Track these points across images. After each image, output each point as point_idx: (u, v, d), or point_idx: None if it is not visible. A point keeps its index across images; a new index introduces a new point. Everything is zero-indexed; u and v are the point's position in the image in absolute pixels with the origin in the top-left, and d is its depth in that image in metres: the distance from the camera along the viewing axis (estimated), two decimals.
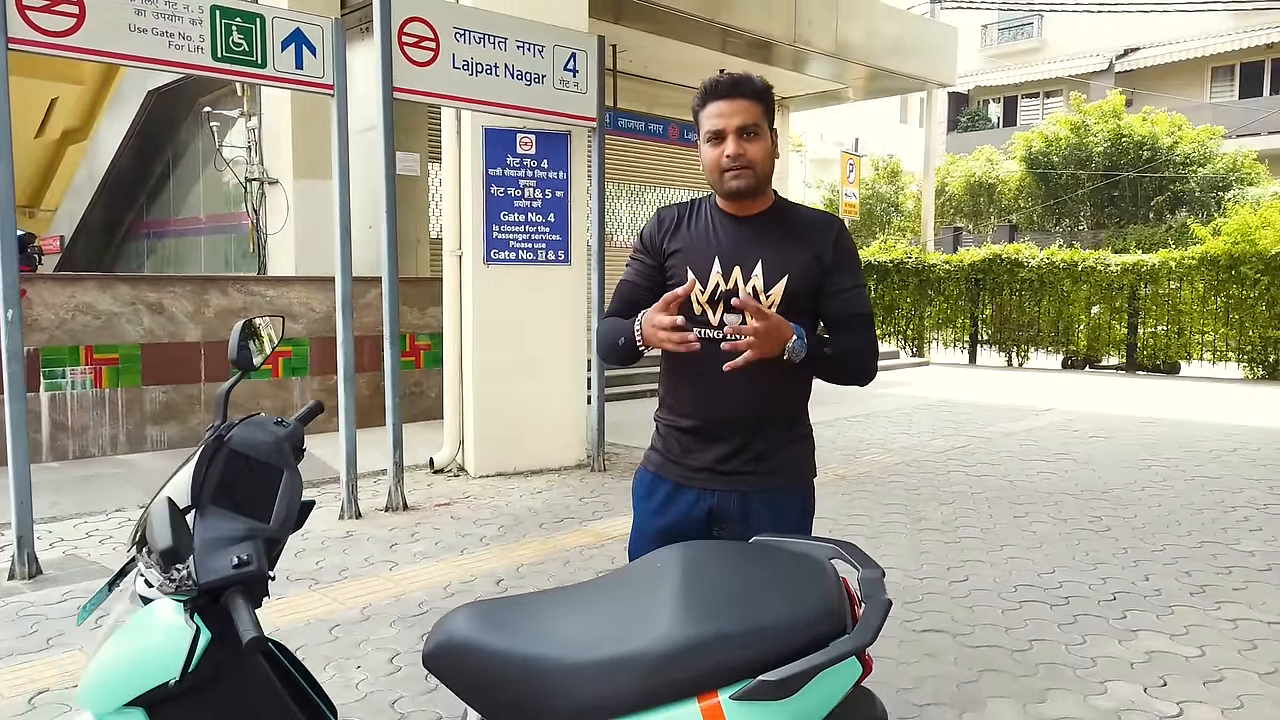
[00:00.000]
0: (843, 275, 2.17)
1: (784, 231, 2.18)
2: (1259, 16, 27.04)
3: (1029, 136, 24.05)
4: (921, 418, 9.30)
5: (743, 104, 2.12)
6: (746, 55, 13.20)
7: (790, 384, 2.19)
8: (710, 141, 2.15)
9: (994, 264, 15.50)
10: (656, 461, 2.28)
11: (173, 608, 1.62)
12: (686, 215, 2.26)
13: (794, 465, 2.23)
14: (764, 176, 2.15)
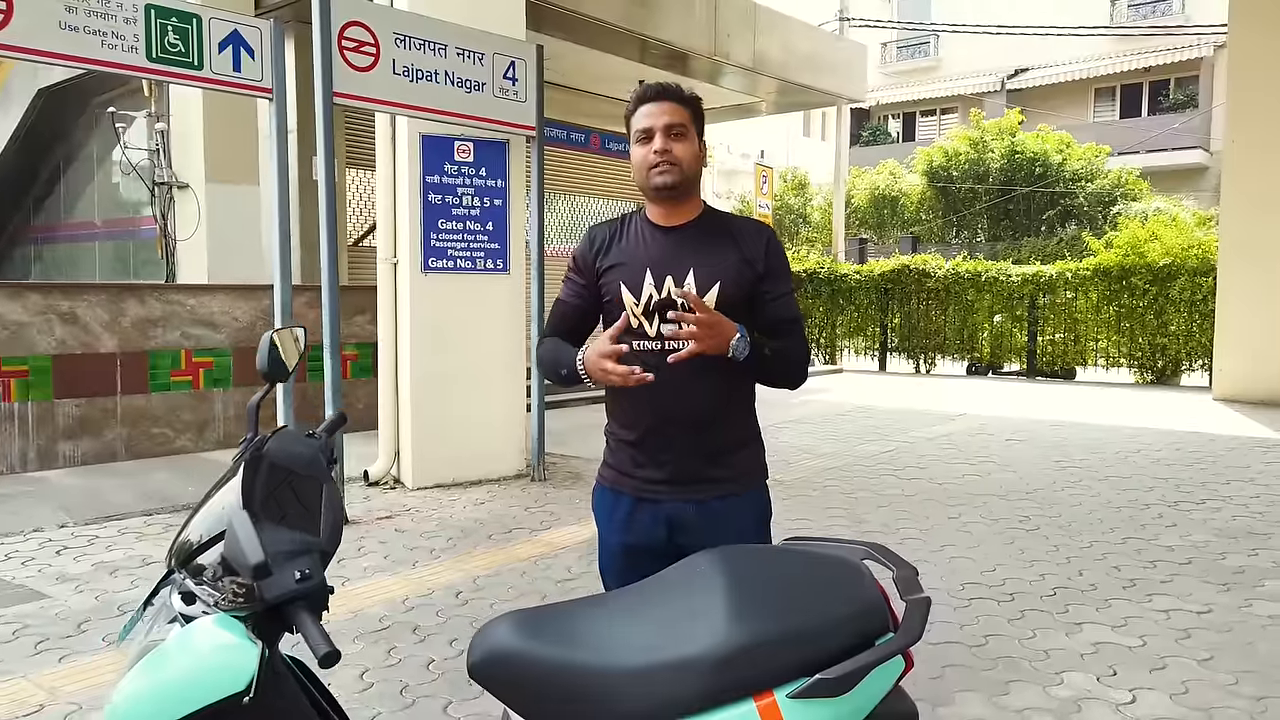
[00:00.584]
0: (775, 281, 2.22)
1: (714, 239, 2.21)
2: (1137, 42, 28.75)
3: (930, 151, 24.95)
4: (844, 424, 9.55)
5: (670, 105, 2.18)
6: (666, 66, 13.36)
7: (733, 389, 2.22)
8: (639, 141, 2.20)
9: (903, 274, 16.03)
10: (611, 477, 2.29)
11: (219, 624, 1.58)
12: (617, 231, 2.29)
13: (746, 470, 2.26)
14: (690, 175, 2.19)
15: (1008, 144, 23.37)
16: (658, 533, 2.21)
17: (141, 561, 4.89)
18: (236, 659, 1.55)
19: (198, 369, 7.73)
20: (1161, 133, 27.27)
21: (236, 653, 1.55)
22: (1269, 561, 4.76)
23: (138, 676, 1.60)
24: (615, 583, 2.27)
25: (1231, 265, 11.23)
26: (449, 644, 3.74)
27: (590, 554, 4.95)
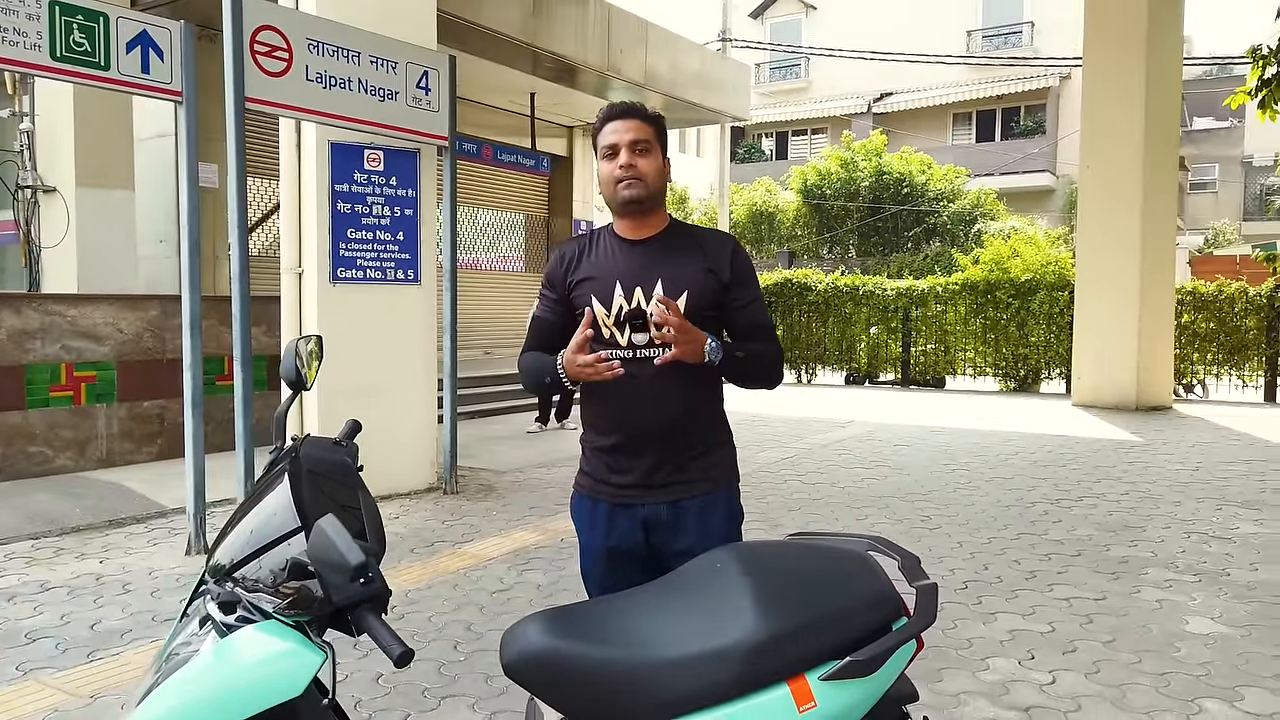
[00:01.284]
0: (742, 289, 2.31)
1: (680, 250, 2.29)
2: (992, 71, 30.61)
3: (804, 170, 25.90)
4: (741, 432, 9.74)
5: (635, 123, 2.25)
6: (555, 79, 13.47)
7: (703, 395, 2.30)
8: (606, 157, 2.27)
9: (785, 288, 16.57)
10: (588, 485, 2.36)
11: (269, 630, 1.59)
12: (586, 246, 2.37)
13: (716, 471, 2.33)
14: (655, 190, 2.27)
15: (875, 164, 24.51)
16: (636, 535, 2.28)
17: (40, 587, 4.61)
18: (292, 664, 1.57)
19: (79, 383, 7.30)
20: (1014, 157, 29.18)
21: (293, 658, 1.58)
22: (1147, 552, 5.21)
23: (177, 685, 1.58)
24: (598, 586, 2.35)
25: (1087, 281, 12.13)
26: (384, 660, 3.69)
27: (520, 564, 4.98)
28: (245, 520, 1.74)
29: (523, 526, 5.82)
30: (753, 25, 35.90)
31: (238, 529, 1.74)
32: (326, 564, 1.50)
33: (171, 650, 1.73)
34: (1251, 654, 3.71)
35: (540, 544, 5.40)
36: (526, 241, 17.12)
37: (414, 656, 1.52)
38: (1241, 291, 13.07)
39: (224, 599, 1.68)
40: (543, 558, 5.13)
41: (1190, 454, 8.40)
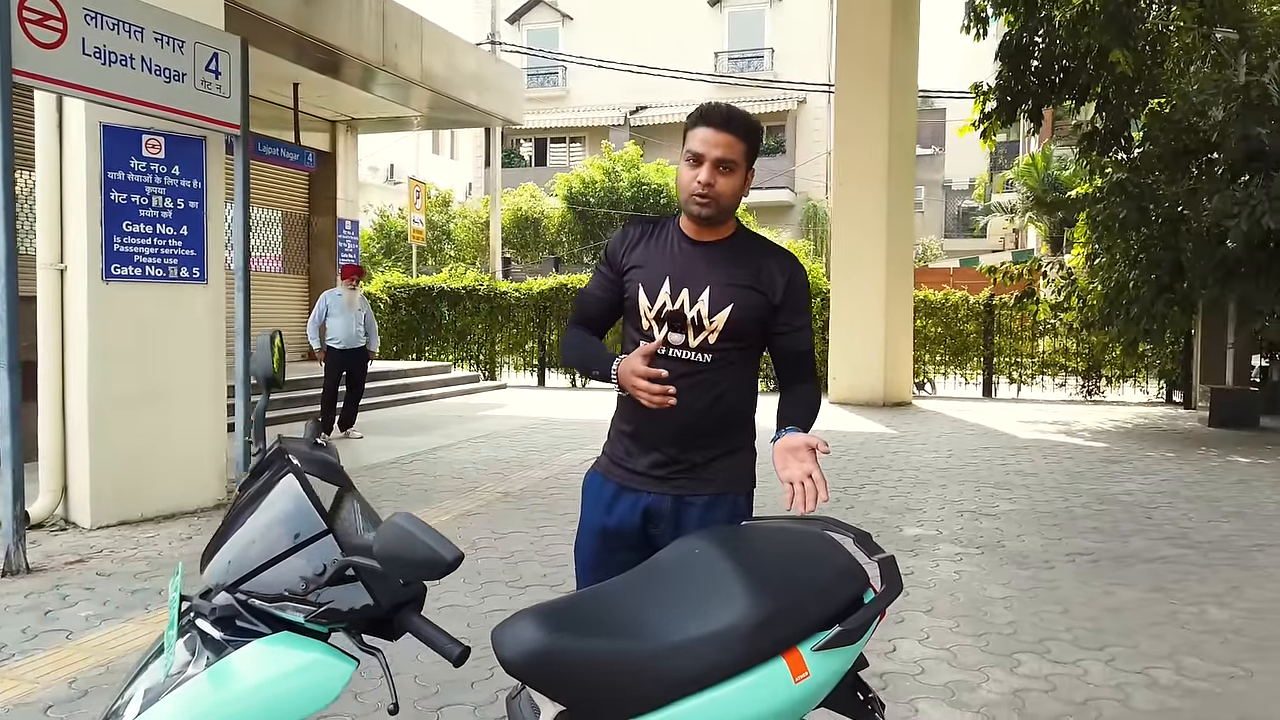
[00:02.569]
0: (792, 315, 2.27)
1: (737, 262, 2.24)
2: (737, 91, 32.50)
3: (569, 178, 26.29)
4: (537, 436, 9.84)
5: (729, 139, 2.16)
6: (322, 70, 12.83)
7: (729, 400, 2.28)
8: (689, 162, 2.20)
9: (561, 292, 16.75)
10: (604, 464, 2.38)
11: (290, 643, 1.52)
12: (650, 232, 2.34)
13: (727, 475, 2.32)
14: (728, 209, 2.22)
15: (635, 175, 25.34)
16: (633, 520, 2.29)
17: None
18: (322, 675, 1.51)
19: None
20: (758, 174, 31.21)
21: (322, 669, 1.51)
22: (933, 530, 5.81)
23: (180, 705, 1.46)
24: (588, 563, 2.35)
25: (840, 290, 13.24)
26: None
27: None
28: (245, 529, 1.60)
29: None
30: (510, 31, 35.90)
31: (235, 539, 1.60)
32: (404, 561, 1.42)
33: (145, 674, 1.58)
34: (1043, 612, 4.26)
35: None
36: (285, 241, 16.11)
37: (470, 653, 1.47)
38: (964, 299, 14.77)
39: (221, 615, 1.54)
40: None
41: (940, 443, 9.41)
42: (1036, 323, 13.95)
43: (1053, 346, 14.19)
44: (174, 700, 1.49)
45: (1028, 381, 14.55)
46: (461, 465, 8.02)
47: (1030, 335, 14.41)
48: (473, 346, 17.43)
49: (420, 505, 6.42)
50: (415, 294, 17.38)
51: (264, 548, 1.57)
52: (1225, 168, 9.19)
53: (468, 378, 15.88)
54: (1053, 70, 11.72)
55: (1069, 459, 8.51)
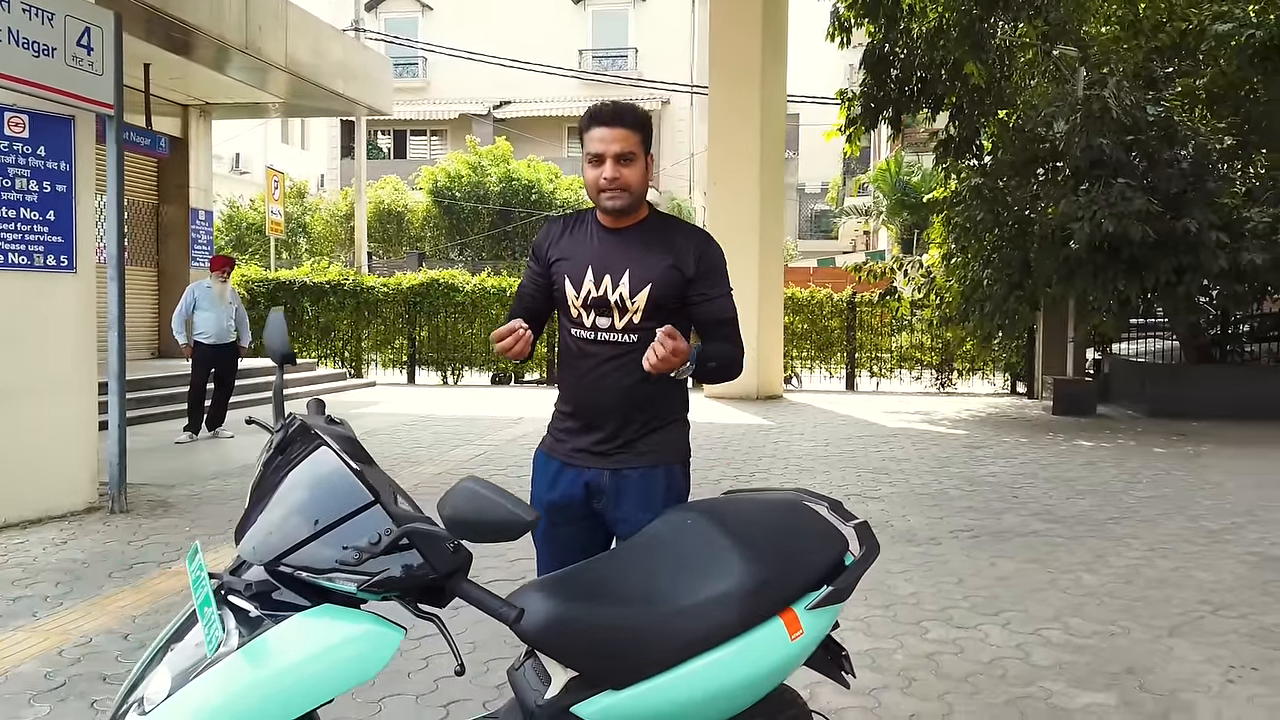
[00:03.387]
0: (708, 284, 2.40)
1: (652, 243, 2.38)
2: (602, 89, 32.70)
3: (434, 171, 25.78)
4: (420, 433, 9.66)
5: (623, 132, 2.30)
6: (175, 50, 12.13)
7: (658, 382, 2.33)
8: (591, 162, 2.34)
9: (431, 288, 16.43)
10: (549, 443, 2.51)
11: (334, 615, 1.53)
12: (570, 226, 2.48)
13: (661, 447, 2.44)
14: (638, 197, 2.36)
15: (504, 170, 25.12)
16: (577, 494, 2.41)
17: None
18: (374, 644, 1.52)
19: None
20: None
21: (373, 638, 1.52)
22: None
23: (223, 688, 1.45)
24: (538, 537, 2.45)
25: None
26: None
27: None
28: (282, 502, 1.58)
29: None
30: (367, 19, 34.87)
31: (273, 513, 1.57)
32: (478, 525, 1.44)
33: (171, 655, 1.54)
34: (939, 583, 4.56)
35: None
36: (131, 231, 15.15)
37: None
38: (828, 297, 15.41)
39: (258, 590, 1.52)
40: None
41: (816, 433, 9.82)
42: (895, 319, 14.71)
43: (909, 342, 14.99)
44: (212, 678, 1.46)
45: (886, 375, 15.32)
46: None
47: (889, 331, 15.17)
48: (337, 343, 16.89)
49: None
50: (275, 288, 16.66)
51: (306, 520, 1.56)
52: (1069, 175, 9.96)
53: (334, 375, 15.39)
54: (911, 80, 12.40)
55: (935, 445, 9.05)
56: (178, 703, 1.47)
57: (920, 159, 23.15)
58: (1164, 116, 9.62)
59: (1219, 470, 7.68)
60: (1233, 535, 5.56)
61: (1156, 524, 5.85)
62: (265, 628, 1.51)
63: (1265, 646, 3.78)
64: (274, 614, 1.52)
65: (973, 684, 3.40)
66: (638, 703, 1.81)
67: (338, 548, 1.52)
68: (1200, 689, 3.36)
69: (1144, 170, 9.63)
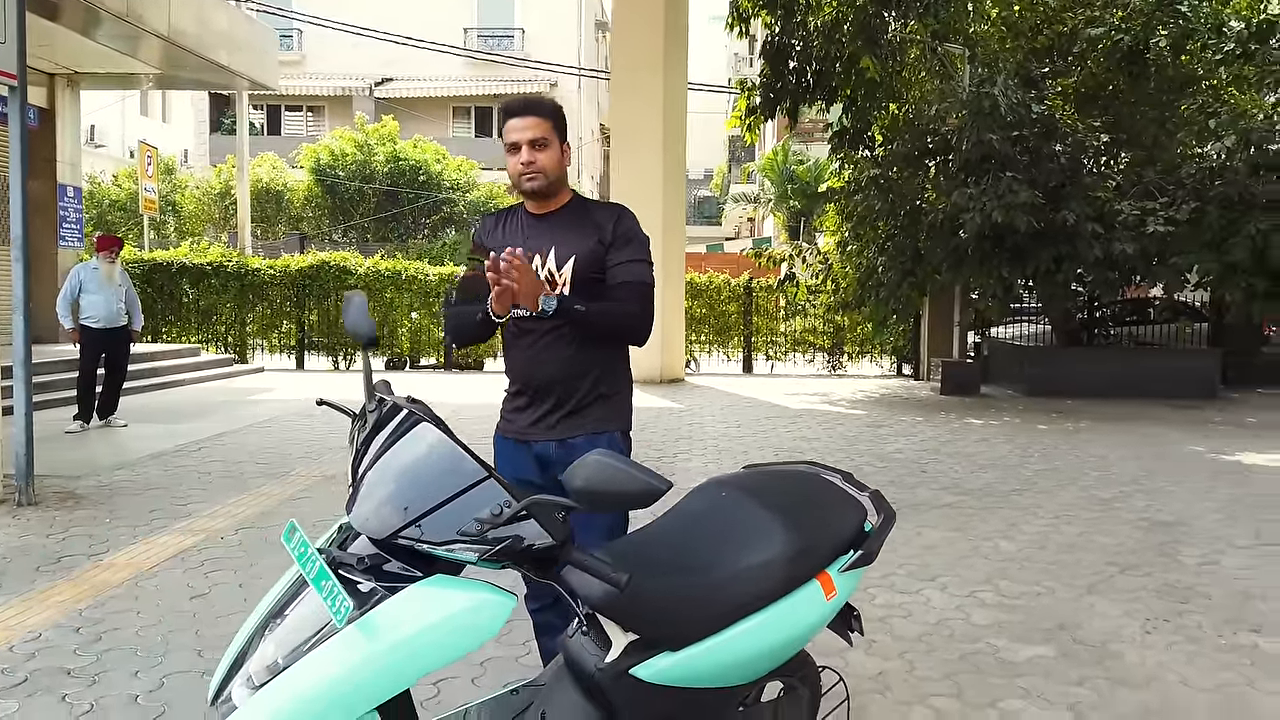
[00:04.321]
0: (619, 251, 2.57)
1: (575, 223, 2.59)
2: (488, 70, 32.25)
3: (316, 149, 24.90)
4: (326, 419, 9.39)
5: (534, 120, 2.51)
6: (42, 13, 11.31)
7: (591, 353, 2.58)
8: (510, 152, 2.55)
9: (322, 270, 15.94)
10: (502, 425, 2.71)
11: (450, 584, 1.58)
12: (503, 219, 2.71)
13: (601, 415, 2.63)
14: (555, 180, 2.56)
15: (391, 150, 24.50)
16: (530, 468, 2.61)
17: None
18: (493, 610, 1.58)
19: None
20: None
21: (492, 606, 1.59)
22: None
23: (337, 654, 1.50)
24: None
25: None
26: (133, 676, 3.18)
27: (194, 567, 4.46)
28: (391, 480, 1.64)
29: (164, 532, 5.09)
30: None
31: (383, 491, 1.63)
32: (610, 495, 1.50)
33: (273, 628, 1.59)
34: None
35: (201, 545, 4.82)
36: None
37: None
38: (725, 282, 15.75)
39: (371, 564, 1.56)
40: (216, 557, 4.61)
41: (726, 415, 10.09)
42: (789, 303, 15.17)
43: (803, 326, 15.49)
44: (330, 650, 1.49)
45: (781, 358, 15.79)
46: (260, 450, 7.57)
47: (783, 316, 15.64)
48: (219, 327, 16.21)
49: (235, 491, 6.04)
50: (151, 270, 15.84)
51: (424, 495, 1.60)
52: (960, 168, 10.51)
53: (220, 360, 14.75)
54: (807, 72, 12.79)
55: (840, 425, 9.45)
56: (296, 675, 1.49)
57: (807, 148, 23.86)
58: (1046, 114, 10.27)
59: (1099, 445, 8.31)
60: (1122, 503, 6.07)
61: (1054, 494, 6.32)
62: (380, 599, 1.55)
63: (1172, 601, 4.18)
64: (389, 585, 1.56)
65: (926, 643, 3.65)
66: (692, 662, 1.93)
67: (457, 520, 1.57)
68: (1125, 640, 3.71)
69: (1027, 164, 10.25)
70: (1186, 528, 5.44)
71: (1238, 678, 3.35)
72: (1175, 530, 5.39)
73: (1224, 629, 3.83)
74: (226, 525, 5.22)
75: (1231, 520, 5.62)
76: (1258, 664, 3.48)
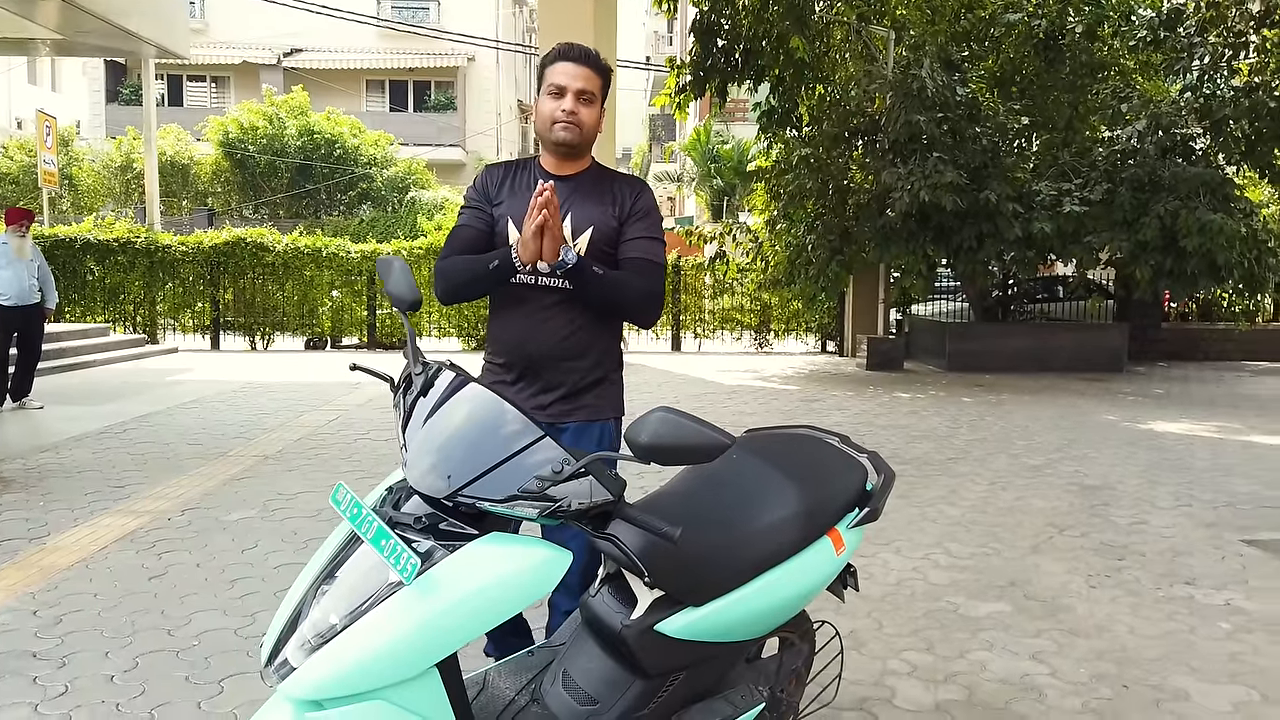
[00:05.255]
0: (634, 226, 2.43)
1: (595, 190, 2.43)
2: (403, 42, 31.52)
3: (224, 121, 24.00)
4: (255, 400, 9.16)
5: (588, 72, 2.35)
6: None
7: (593, 330, 2.42)
8: (551, 95, 2.36)
9: (237, 247, 15.42)
10: None
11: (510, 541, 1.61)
12: (513, 172, 2.49)
13: (596, 402, 2.47)
14: (588, 137, 2.41)
15: (303, 123, 23.78)
16: None
17: None
18: (553, 566, 1.61)
19: None
20: (428, 129, 30.58)
21: (549, 562, 1.62)
22: None
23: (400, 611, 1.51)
24: None
25: None
26: (103, 657, 3.09)
27: (146, 548, 4.33)
28: (449, 441, 1.64)
29: (105, 514, 4.91)
30: None
31: (441, 451, 1.63)
32: (676, 449, 1.53)
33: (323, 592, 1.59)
34: None
35: (148, 526, 4.67)
36: None
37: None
38: None
39: (429, 523, 1.59)
40: (169, 539, 4.47)
41: (663, 391, 10.18)
42: (717, 282, 15.33)
43: (730, 304, 15.68)
44: (392, 608, 1.50)
45: (708, 335, 15.96)
46: (190, 432, 7.33)
47: (710, 294, 15.80)
48: (128, 306, 15.56)
49: (172, 473, 5.86)
50: (53, 246, 15.06)
51: (483, 454, 1.60)
52: (888, 148, 10.77)
53: (131, 341, 14.18)
54: (735, 51, 12.88)
55: (775, 400, 9.64)
56: (359, 634, 1.49)
57: (729, 128, 24.04)
58: (970, 97, 10.60)
59: (1021, 415, 8.68)
60: (1051, 470, 6.37)
61: (987, 462, 6.59)
62: (439, 557, 1.55)
63: (1109, 558, 4.43)
64: (446, 544, 1.57)
65: (891, 603, 3.80)
66: (714, 617, 1.99)
67: (516, 478, 1.58)
68: (1073, 595, 3.92)
69: (951, 146, 10.57)
70: (1113, 491, 5.75)
71: (1180, 626, 3.59)
72: (1103, 494, 5.69)
73: (1160, 583, 4.08)
74: (171, 506, 5.06)
75: (1152, 484, 5.95)
76: (1195, 613, 3.72)
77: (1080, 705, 2.93)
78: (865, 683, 3.06)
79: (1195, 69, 10.93)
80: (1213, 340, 14.42)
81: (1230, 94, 10.77)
